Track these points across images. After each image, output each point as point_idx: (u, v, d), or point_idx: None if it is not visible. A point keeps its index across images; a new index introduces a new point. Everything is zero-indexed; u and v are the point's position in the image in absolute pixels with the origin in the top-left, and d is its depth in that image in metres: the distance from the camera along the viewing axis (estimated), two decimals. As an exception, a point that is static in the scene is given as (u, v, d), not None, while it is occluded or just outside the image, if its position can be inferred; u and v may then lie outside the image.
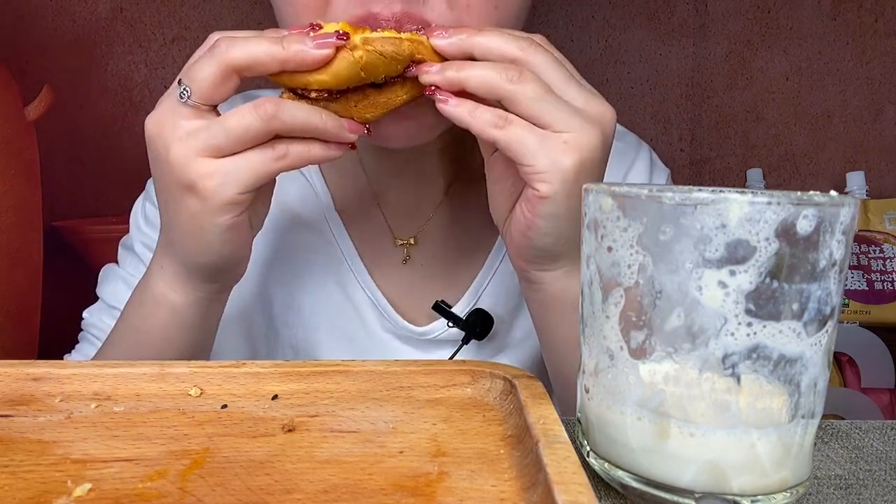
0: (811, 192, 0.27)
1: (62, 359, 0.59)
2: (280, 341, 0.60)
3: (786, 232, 0.25)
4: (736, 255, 0.25)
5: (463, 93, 0.40)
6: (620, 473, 0.29)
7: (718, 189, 0.28)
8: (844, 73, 1.18)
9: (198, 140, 0.39)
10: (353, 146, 0.43)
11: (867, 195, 1.19)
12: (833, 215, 0.26)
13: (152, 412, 0.32)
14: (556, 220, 0.41)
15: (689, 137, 1.20)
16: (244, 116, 0.39)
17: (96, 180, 1.06)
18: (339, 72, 0.39)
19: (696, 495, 0.27)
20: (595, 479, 0.31)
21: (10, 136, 0.85)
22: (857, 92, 1.19)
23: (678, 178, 1.18)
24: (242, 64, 0.39)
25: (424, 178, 0.59)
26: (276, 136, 0.40)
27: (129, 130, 1.07)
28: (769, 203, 0.25)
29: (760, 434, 0.26)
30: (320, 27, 0.39)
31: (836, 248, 0.26)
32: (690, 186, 0.31)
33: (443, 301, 0.57)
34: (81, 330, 0.61)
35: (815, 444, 0.32)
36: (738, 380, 0.26)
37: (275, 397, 0.34)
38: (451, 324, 0.57)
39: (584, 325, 0.31)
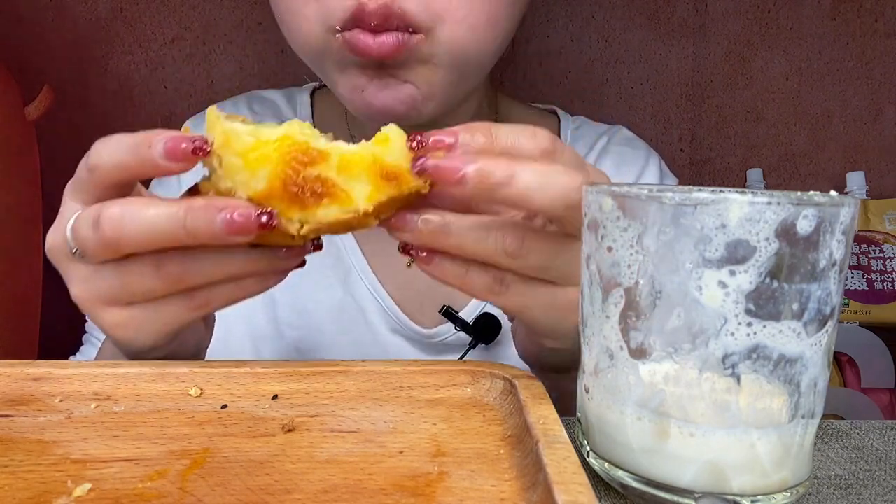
0: (811, 192, 0.27)
1: (63, 359, 0.59)
2: (285, 343, 0.59)
3: (786, 232, 0.25)
4: (736, 255, 0.25)
5: None
6: (620, 473, 0.29)
7: (718, 189, 0.28)
8: (844, 73, 1.18)
9: (97, 288, 0.33)
10: (301, 264, 0.35)
11: (867, 195, 1.19)
12: (833, 215, 0.26)
13: (152, 412, 0.32)
14: (565, 354, 0.37)
15: (689, 137, 1.20)
16: (145, 278, 0.32)
17: (96, 180, 1.06)
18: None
19: (696, 495, 0.27)
20: (595, 479, 0.31)
21: (10, 136, 0.85)
22: (857, 92, 1.19)
23: (678, 178, 1.17)
24: (136, 246, 0.31)
25: None
26: None
27: (129, 130, 1.07)
28: (769, 203, 0.25)
29: (760, 434, 0.26)
30: (206, 150, 0.30)
31: (836, 248, 0.26)
32: (690, 186, 0.31)
33: (450, 306, 0.57)
34: (84, 332, 0.61)
35: (815, 444, 0.32)
36: (738, 380, 0.26)
37: (275, 397, 0.34)
38: (457, 327, 0.57)
39: (584, 325, 0.31)
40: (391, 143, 0.31)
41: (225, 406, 0.33)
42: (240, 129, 0.30)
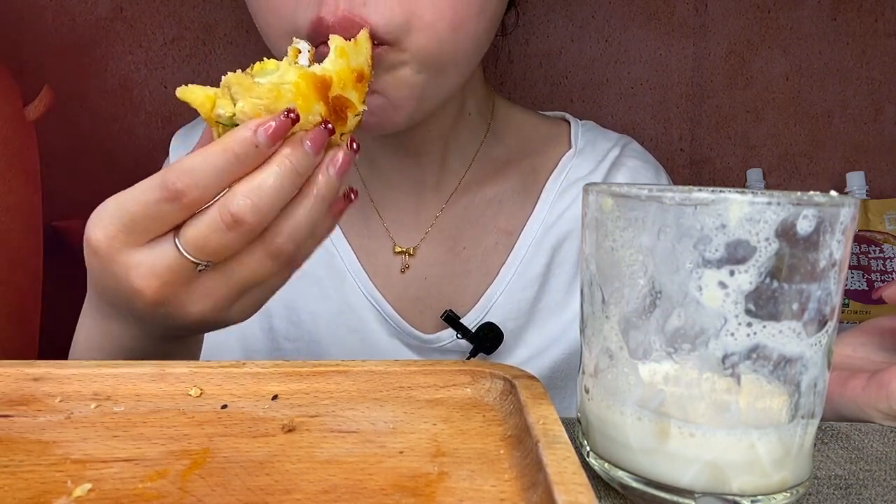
0: (811, 192, 0.27)
1: (63, 359, 0.59)
2: (282, 356, 0.59)
3: (786, 232, 0.25)
4: (736, 255, 0.25)
5: None
6: (620, 473, 0.29)
7: (718, 189, 0.28)
8: (844, 73, 1.18)
9: (225, 293, 0.36)
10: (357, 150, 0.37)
11: (867, 195, 1.19)
12: (833, 215, 0.26)
13: (152, 412, 0.32)
14: None
15: (689, 137, 1.20)
16: (262, 264, 0.36)
17: (96, 180, 1.06)
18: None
19: (696, 495, 0.27)
20: (595, 479, 0.31)
21: (10, 136, 0.85)
22: (857, 92, 1.19)
23: (678, 178, 1.17)
24: (274, 214, 0.35)
25: (421, 185, 0.59)
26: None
27: (129, 130, 1.07)
28: (769, 203, 0.25)
29: (760, 434, 0.26)
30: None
31: (836, 248, 0.26)
32: (690, 186, 0.31)
33: (452, 310, 0.56)
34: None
35: (815, 444, 0.32)
36: (738, 380, 0.26)
37: (275, 397, 0.34)
38: (459, 335, 0.56)
39: (585, 325, 0.31)
40: (359, 45, 0.38)
41: (225, 406, 0.33)
42: (251, 81, 0.34)
